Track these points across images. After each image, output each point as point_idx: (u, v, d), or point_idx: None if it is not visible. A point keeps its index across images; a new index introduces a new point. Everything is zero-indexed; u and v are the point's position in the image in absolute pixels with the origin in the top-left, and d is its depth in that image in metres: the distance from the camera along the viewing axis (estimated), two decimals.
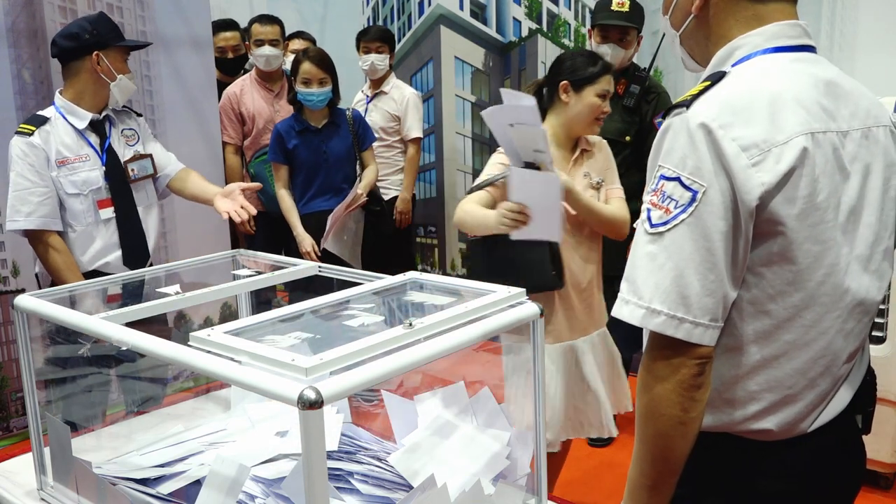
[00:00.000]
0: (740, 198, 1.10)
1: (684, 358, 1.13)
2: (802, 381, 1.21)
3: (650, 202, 1.15)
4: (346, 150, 3.73)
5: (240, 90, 4.09)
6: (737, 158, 1.10)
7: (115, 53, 2.66)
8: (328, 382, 1.15)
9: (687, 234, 1.11)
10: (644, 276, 1.14)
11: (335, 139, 3.69)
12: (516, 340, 1.57)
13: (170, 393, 2.61)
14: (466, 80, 4.85)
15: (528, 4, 4.46)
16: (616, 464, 3.23)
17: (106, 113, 2.73)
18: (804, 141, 1.12)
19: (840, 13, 3.28)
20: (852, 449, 1.34)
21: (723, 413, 1.22)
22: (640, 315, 1.14)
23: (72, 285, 2.03)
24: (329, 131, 3.68)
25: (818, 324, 1.19)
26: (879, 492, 2.89)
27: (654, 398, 1.15)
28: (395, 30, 5.10)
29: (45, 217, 2.60)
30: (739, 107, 1.13)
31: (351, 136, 3.73)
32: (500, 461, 1.61)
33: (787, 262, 1.15)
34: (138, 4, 3.75)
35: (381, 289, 1.70)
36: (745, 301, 1.17)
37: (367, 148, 3.84)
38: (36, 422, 1.74)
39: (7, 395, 3.50)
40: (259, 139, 4.08)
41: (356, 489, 1.62)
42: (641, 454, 1.20)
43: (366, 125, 3.86)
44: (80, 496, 1.61)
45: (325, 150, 3.66)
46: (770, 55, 1.21)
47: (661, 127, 1.19)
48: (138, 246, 2.78)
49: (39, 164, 2.58)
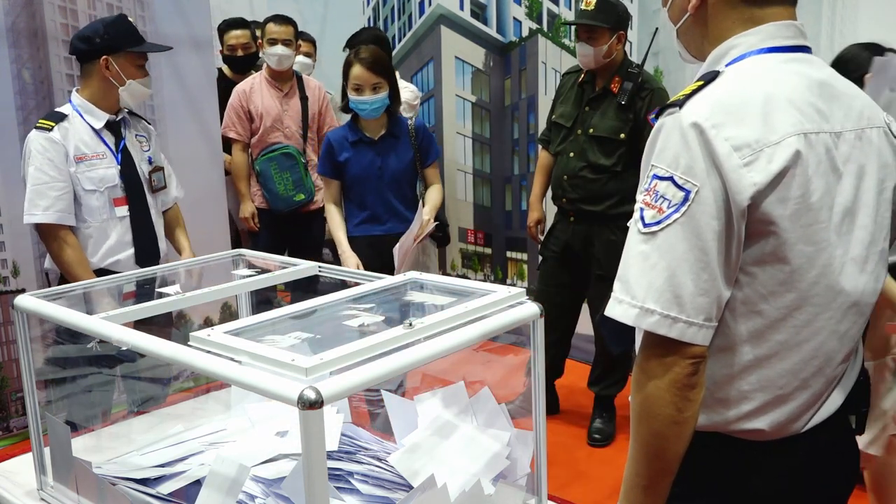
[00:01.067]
0: (732, 198, 1.11)
1: (678, 357, 1.13)
2: (795, 381, 1.21)
3: (643, 202, 1.15)
4: (405, 166, 3.21)
5: (249, 88, 4.10)
6: (729, 158, 1.10)
7: (126, 58, 2.67)
8: (328, 382, 1.15)
9: (680, 233, 1.11)
10: (637, 275, 1.14)
11: (393, 153, 3.19)
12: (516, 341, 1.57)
13: (170, 393, 2.61)
14: (467, 80, 4.85)
15: (528, 4, 4.46)
16: (616, 464, 3.23)
17: (122, 115, 2.77)
18: (797, 142, 1.12)
19: (840, 13, 3.28)
20: (845, 449, 1.34)
21: (715, 413, 1.22)
22: (633, 315, 1.14)
23: (72, 285, 2.03)
24: (386, 144, 3.18)
25: (811, 324, 1.19)
26: None
27: (648, 398, 1.16)
28: (395, 30, 5.10)
29: (61, 212, 2.62)
30: (732, 107, 1.13)
31: (412, 149, 3.22)
32: (500, 461, 1.61)
33: (779, 263, 1.15)
34: (138, 4, 3.75)
35: (381, 289, 1.70)
36: (738, 301, 1.17)
37: (431, 164, 3.28)
38: (36, 422, 1.74)
39: (7, 395, 3.50)
40: (266, 137, 4.09)
41: (356, 489, 1.62)
42: (636, 454, 1.20)
43: (430, 137, 3.30)
44: (80, 496, 1.61)
45: (380, 166, 3.17)
46: (764, 55, 1.21)
47: (654, 126, 1.19)
48: (150, 245, 2.82)
49: (59, 159, 2.61)
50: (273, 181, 4.05)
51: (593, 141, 3.19)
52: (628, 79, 3.14)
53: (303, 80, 4.20)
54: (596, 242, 3.25)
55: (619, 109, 3.15)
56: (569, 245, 3.34)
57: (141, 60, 2.72)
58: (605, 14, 3.10)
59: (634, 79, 3.13)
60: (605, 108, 3.19)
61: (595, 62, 3.16)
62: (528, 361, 1.54)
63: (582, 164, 3.21)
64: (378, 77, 3.05)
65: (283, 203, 4.08)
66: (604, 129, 3.17)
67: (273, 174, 4.04)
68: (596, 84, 3.24)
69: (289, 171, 4.07)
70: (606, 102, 3.20)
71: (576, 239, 3.30)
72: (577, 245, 3.31)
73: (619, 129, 3.14)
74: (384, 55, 3.19)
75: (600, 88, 3.21)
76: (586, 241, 3.28)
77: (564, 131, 3.29)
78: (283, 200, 4.07)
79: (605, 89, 3.20)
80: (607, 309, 1.18)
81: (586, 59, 3.17)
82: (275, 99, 4.09)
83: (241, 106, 4.08)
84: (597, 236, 3.25)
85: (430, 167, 3.26)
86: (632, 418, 1.20)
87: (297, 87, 4.16)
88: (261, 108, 4.07)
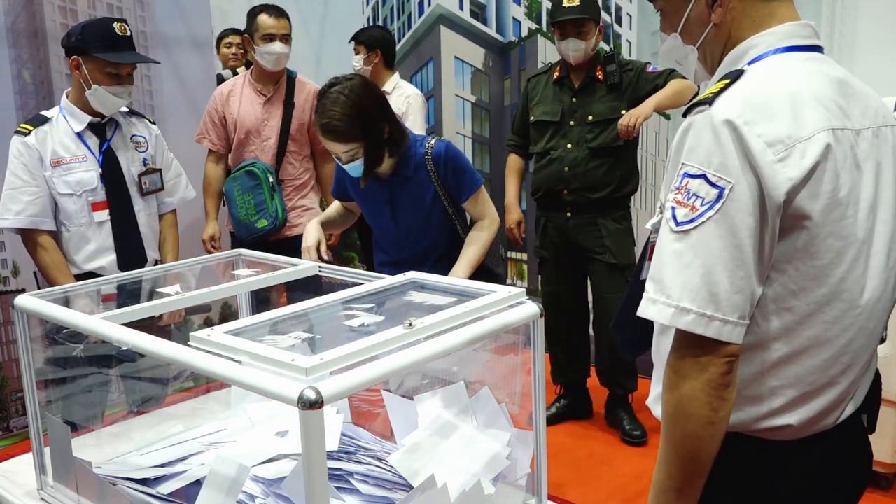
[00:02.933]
0: (768, 193, 1.11)
1: (713, 357, 1.13)
2: (824, 378, 1.21)
3: (674, 200, 1.15)
4: (424, 213, 2.47)
5: (228, 91, 3.55)
6: (763, 154, 1.11)
7: (94, 62, 2.57)
8: (328, 382, 1.15)
9: (714, 231, 1.12)
10: (672, 274, 1.14)
11: (406, 198, 2.47)
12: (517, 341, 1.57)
13: (170, 393, 2.61)
14: (466, 80, 4.85)
15: (527, 4, 4.47)
16: (616, 464, 3.24)
17: (111, 116, 2.71)
18: (827, 137, 1.14)
19: (840, 13, 3.28)
20: (860, 449, 1.35)
21: (743, 412, 1.22)
22: (669, 314, 1.13)
23: (73, 285, 2.03)
24: (395, 185, 2.45)
25: (840, 321, 1.20)
26: (880, 492, 2.89)
27: (682, 398, 1.15)
28: (394, 30, 5.10)
29: (34, 216, 2.60)
30: (761, 104, 1.14)
31: (434, 185, 2.45)
32: (500, 461, 1.61)
33: (809, 258, 1.16)
34: (138, 4, 3.75)
35: (381, 289, 1.70)
36: (769, 298, 1.17)
37: (469, 197, 2.48)
38: (36, 422, 1.74)
39: (7, 396, 3.50)
40: (241, 152, 3.52)
41: (356, 489, 1.62)
42: (669, 456, 1.19)
43: (459, 167, 2.46)
44: (81, 496, 1.61)
45: (392, 216, 2.49)
46: (783, 54, 1.22)
47: (682, 126, 1.19)
48: (134, 250, 2.75)
49: (32, 163, 2.59)
50: (235, 204, 3.49)
51: (594, 126, 3.25)
52: (609, 62, 3.26)
53: (294, 83, 3.59)
54: (603, 231, 3.27)
55: (611, 90, 3.25)
56: (567, 240, 3.35)
57: (112, 68, 2.58)
58: (591, 8, 3.21)
59: (614, 60, 3.27)
60: (597, 94, 3.27)
61: (585, 56, 3.24)
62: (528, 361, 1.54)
63: (584, 152, 3.25)
64: (348, 144, 2.28)
65: (244, 230, 3.46)
66: (604, 112, 3.25)
67: (235, 195, 3.48)
68: (573, 78, 3.30)
69: (250, 193, 3.45)
70: (596, 89, 3.28)
71: (576, 231, 3.31)
72: (576, 237, 3.32)
73: (617, 107, 3.23)
74: (353, 106, 2.25)
75: (586, 78, 3.28)
76: (588, 231, 3.29)
77: (553, 127, 3.32)
78: (245, 227, 3.47)
79: (590, 78, 3.27)
80: (640, 309, 1.17)
81: (578, 53, 3.23)
82: (255, 105, 3.51)
83: (215, 111, 3.54)
84: (602, 225, 3.27)
85: (468, 201, 2.48)
86: (664, 420, 1.18)
87: (286, 90, 3.55)
88: (236, 116, 3.50)
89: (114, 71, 2.59)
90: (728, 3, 1.26)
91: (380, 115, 2.31)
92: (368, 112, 2.27)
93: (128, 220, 2.73)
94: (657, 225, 1.24)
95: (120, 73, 2.60)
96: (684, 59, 1.37)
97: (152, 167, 2.81)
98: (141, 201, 2.77)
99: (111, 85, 2.60)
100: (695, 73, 1.38)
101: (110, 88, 2.60)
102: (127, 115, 2.80)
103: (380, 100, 2.34)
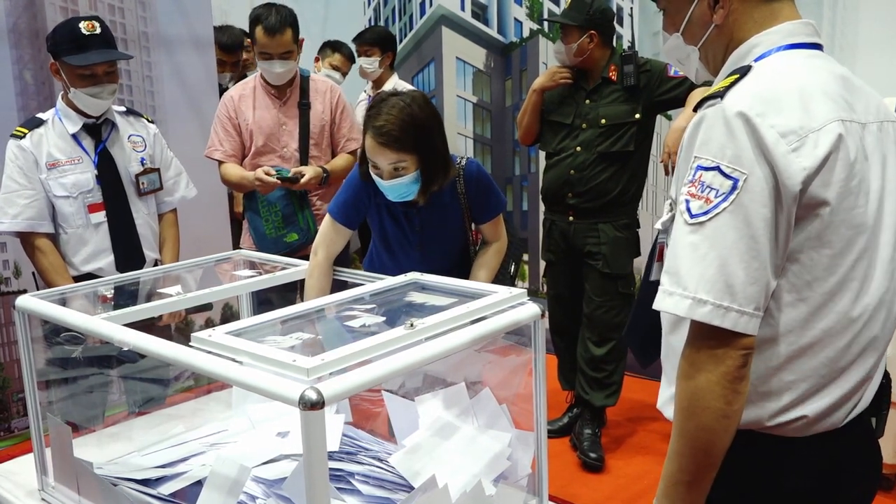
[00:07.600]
0: (783, 183, 1.12)
1: (729, 349, 1.13)
2: (837, 368, 1.22)
3: (688, 193, 1.16)
4: (453, 233, 2.40)
5: (239, 96, 3.24)
6: (777, 145, 1.12)
7: (67, 66, 2.52)
8: (329, 383, 1.16)
9: (729, 222, 1.12)
10: (688, 266, 1.14)
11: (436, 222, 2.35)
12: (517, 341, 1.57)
13: (171, 393, 2.61)
14: (468, 81, 4.85)
15: (529, 5, 4.46)
16: (615, 464, 3.23)
17: (106, 117, 2.70)
18: (838, 127, 1.15)
19: (840, 13, 3.28)
20: (869, 451, 1.35)
21: (759, 407, 1.22)
22: (685, 306, 1.14)
23: (74, 286, 2.03)
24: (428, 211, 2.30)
25: (851, 311, 1.21)
26: (881, 492, 2.89)
27: (697, 391, 1.15)
28: (396, 30, 5.10)
29: (30, 219, 2.59)
30: (771, 97, 1.15)
31: (461, 207, 2.35)
32: (501, 462, 1.61)
33: (822, 247, 1.17)
34: (139, 5, 3.75)
35: (382, 290, 1.71)
36: (783, 290, 1.18)
37: (491, 219, 2.39)
38: (37, 422, 1.74)
39: (8, 396, 3.50)
40: (258, 161, 3.18)
41: (357, 490, 1.62)
42: (681, 449, 1.19)
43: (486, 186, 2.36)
44: (82, 497, 1.62)
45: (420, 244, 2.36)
46: (787, 52, 1.24)
47: (693, 119, 1.20)
48: (132, 251, 2.73)
49: (28, 166, 2.59)
50: (259, 218, 3.16)
51: (605, 131, 3.20)
52: (626, 62, 3.18)
53: (308, 82, 3.28)
54: (602, 237, 3.25)
55: (625, 92, 3.18)
56: (570, 243, 3.34)
57: (84, 69, 2.51)
58: (575, 12, 3.17)
59: (633, 59, 3.17)
60: (610, 97, 3.21)
61: (569, 59, 3.22)
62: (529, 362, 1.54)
63: (592, 156, 3.22)
64: (399, 153, 2.11)
65: (271, 246, 3.07)
66: (616, 116, 3.19)
67: (259, 208, 3.15)
68: (586, 79, 3.27)
69: (277, 204, 3.13)
70: (608, 91, 3.22)
71: (577, 236, 3.31)
72: (578, 242, 3.31)
73: (631, 110, 3.17)
74: (412, 116, 2.11)
75: (598, 79, 3.24)
76: (588, 235, 3.29)
77: (565, 129, 3.29)
78: (272, 243, 3.12)
79: (603, 79, 3.23)
80: (656, 302, 1.18)
81: (559, 55, 3.24)
82: (271, 109, 3.21)
83: (228, 118, 3.21)
84: (602, 231, 3.25)
85: (489, 222, 2.38)
86: (677, 413, 1.19)
87: (301, 90, 3.25)
88: (251, 122, 3.19)
89: (86, 72, 2.53)
90: (729, 5, 1.27)
91: (437, 134, 2.20)
92: (425, 126, 2.14)
93: (125, 221, 2.72)
94: (667, 224, 1.25)
95: (95, 72, 2.54)
96: (686, 59, 1.38)
97: (150, 167, 2.79)
98: (139, 201, 2.76)
99: (87, 86, 2.55)
100: (696, 73, 1.39)
101: (87, 90, 2.55)
102: (124, 115, 2.79)
103: (438, 119, 2.24)
